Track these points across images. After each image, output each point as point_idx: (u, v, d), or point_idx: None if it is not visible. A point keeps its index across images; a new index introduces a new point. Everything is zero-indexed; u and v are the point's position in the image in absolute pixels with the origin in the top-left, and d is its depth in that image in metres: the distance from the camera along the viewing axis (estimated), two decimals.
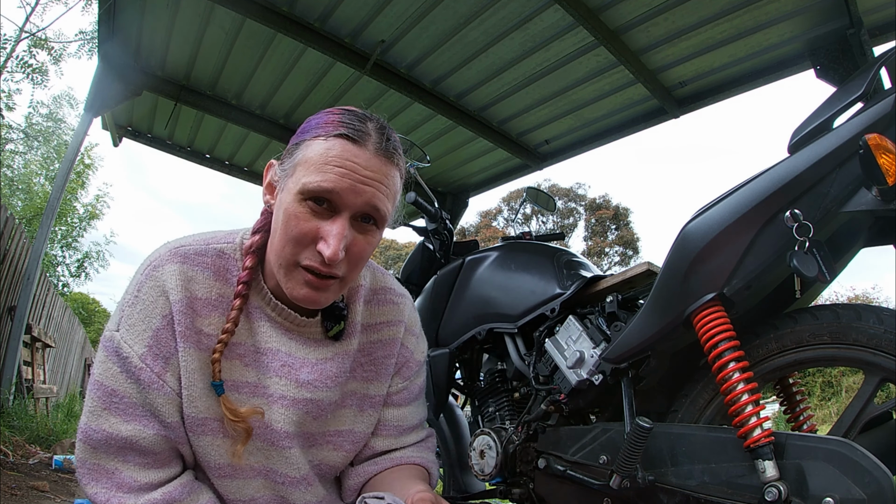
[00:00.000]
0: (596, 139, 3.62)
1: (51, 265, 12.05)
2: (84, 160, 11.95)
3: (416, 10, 2.68)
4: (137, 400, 0.74)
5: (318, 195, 0.72)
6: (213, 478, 0.81)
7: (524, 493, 1.37)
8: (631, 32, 2.70)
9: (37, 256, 3.70)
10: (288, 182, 0.75)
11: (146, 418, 0.75)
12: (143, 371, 0.74)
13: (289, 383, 0.80)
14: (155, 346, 0.74)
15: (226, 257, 0.80)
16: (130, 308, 0.75)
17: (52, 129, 12.46)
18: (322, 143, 0.74)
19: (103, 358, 0.75)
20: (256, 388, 0.80)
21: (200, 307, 0.77)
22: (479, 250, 1.76)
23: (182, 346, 0.75)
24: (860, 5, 2.30)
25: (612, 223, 23.95)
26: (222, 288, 0.78)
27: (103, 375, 0.75)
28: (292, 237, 0.73)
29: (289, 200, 0.73)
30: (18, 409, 3.75)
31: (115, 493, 0.74)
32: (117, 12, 2.77)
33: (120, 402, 0.74)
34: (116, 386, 0.74)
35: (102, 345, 0.77)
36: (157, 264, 0.77)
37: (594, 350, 1.27)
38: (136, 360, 0.74)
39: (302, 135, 0.78)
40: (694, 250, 1.06)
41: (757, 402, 0.97)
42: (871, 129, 0.89)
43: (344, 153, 0.73)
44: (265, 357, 0.80)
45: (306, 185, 0.72)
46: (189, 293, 0.76)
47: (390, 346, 0.92)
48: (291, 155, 0.77)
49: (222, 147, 4.18)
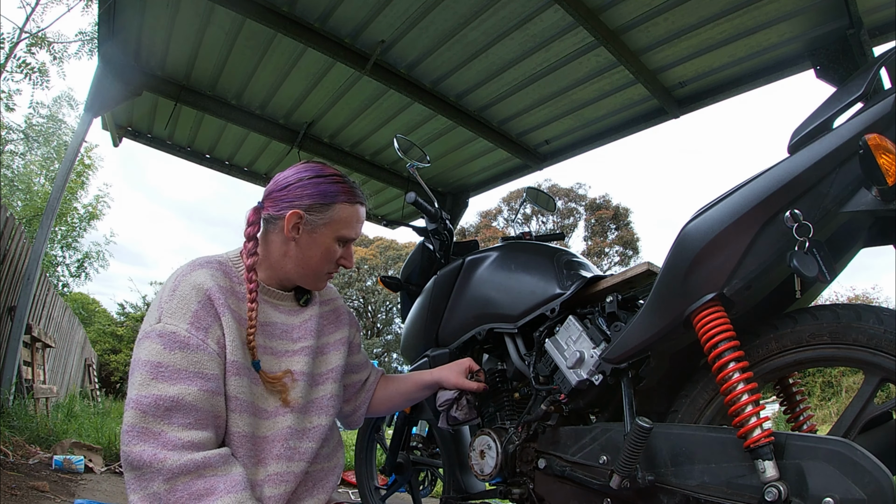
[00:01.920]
0: (596, 139, 3.62)
1: (51, 265, 12.05)
2: (84, 160, 11.95)
3: (416, 10, 2.68)
4: (182, 365, 0.92)
5: (348, 240, 1.16)
6: (241, 426, 0.99)
7: (524, 493, 1.37)
8: (631, 32, 2.70)
9: (37, 256, 3.70)
10: (324, 229, 1.11)
11: (190, 379, 0.92)
12: (190, 338, 0.94)
13: (287, 342, 1.13)
14: (195, 321, 0.96)
15: (224, 265, 1.10)
16: (168, 303, 0.97)
17: (52, 129, 12.46)
18: (349, 209, 1.14)
19: (147, 345, 0.93)
20: (265, 349, 1.08)
21: (225, 292, 1.03)
22: (479, 250, 1.76)
23: (224, 314, 1.00)
24: (860, 5, 2.31)
25: (611, 223, 23.96)
26: (230, 283, 1.07)
27: (149, 355, 0.92)
28: (330, 261, 1.14)
29: (329, 241, 1.12)
30: (18, 409, 3.75)
31: (160, 450, 0.88)
32: (117, 12, 2.78)
33: (165, 370, 0.91)
34: (162, 359, 0.92)
35: (145, 337, 0.94)
36: (186, 272, 1.03)
37: (594, 350, 1.27)
38: (182, 332, 0.94)
39: (327, 198, 1.12)
40: (694, 250, 1.06)
41: (757, 402, 0.97)
42: (871, 129, 0.89)
43: (360, 213, 1.16)
44: (268, 327, 1.11)
45: (345, 234, 1.13)
46: (216, 284, 1.02)
47: (339, 310, 1.29)
48: (323, 212, 1.11)
49: (222, 147, 4.18)
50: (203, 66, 3.25)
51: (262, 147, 4.11)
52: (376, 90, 3.33)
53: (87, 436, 3.84)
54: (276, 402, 1.06)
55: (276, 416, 1.06)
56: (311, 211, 1.11)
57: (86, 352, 9.99)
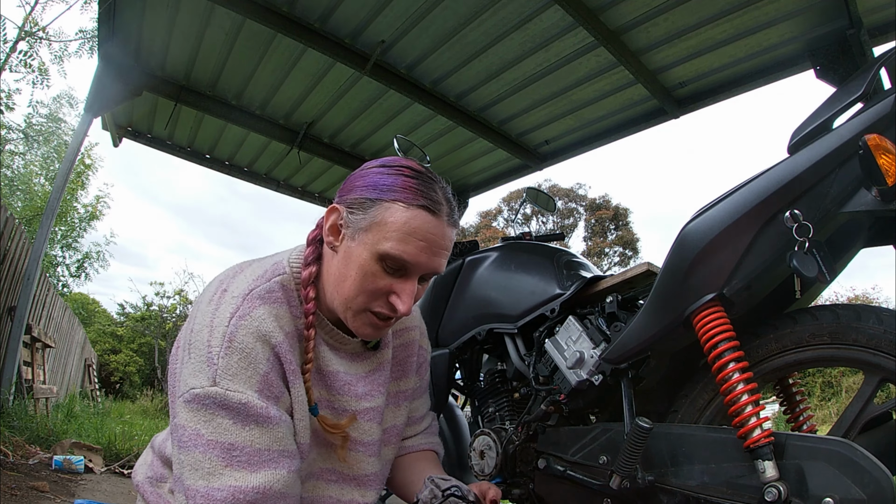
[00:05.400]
0: (596, 139, 3.62)
1: (51, 265, 12.04)
2: (84, 160, 11.95)
3: (416, 10, 2.68)
4: (262, 444, 0.71)
5: (399, 264, 0.77)
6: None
7: (524, 493, 1.37)
8: (631, 33, 2.70)
9: (37, 257, 3.70)
10: (364, 236, 0.78)
11: (275, 460, 0.71)
12: (269, 409, 0.72)
13: (350, 398, 0.88)
14: (265, 388, 0.73)
15: (286, 289, 0.81)
16: (226, 359, 0.72)
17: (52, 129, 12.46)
18: (403, 212, 0.77)
19: (207, 417, 0.70)
20: (320, 402, 0.85)
21: (291, 342, 0.78)
22: (479, 251, 1.76)
23: (293, 382, 0.77)
24: (860, 5, 2.31)
25: (611, 223, 23.95)
26: (294, 321, 0.81)
27: (214, 433, 0.69)
28: (368, 290, 0.78)
29: (366, 257, 0.77)
30: (18, 409, 3.75)
31: None
32: (117, 12, 2.78)
33: (241, 454, 0.69)
34: (234, 439, 0.69)
35: (199, 404, 0.70)
36: (243, 313, 0.75)
37: (594, 350, 1.27)
38: (255, 402, 0.71)
39: (376, 191, 0.79)
40: (694, 251, 1.06)
41: (757, 402, 0.97)
42: (871, 130, 0.89)
43: (425, 225, 0.77)
44: (328, 378, 0.86)
45: (389, 250, 0.76)
46: (284, 332, 0.77)
47: (411, 347, 1.02)
48: (365, 210, 0.78)
49: (222, 147, 4.18)
50: (203, 67, 3.25)
51: (262, 147, 4.10)
52: (376, 90, 3.33)
53: (87, 436, 3.84)
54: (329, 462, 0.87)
55: (320, 478, 0.87)
56: (353, 209, 0.80)
57: (86, 352, 9.98)
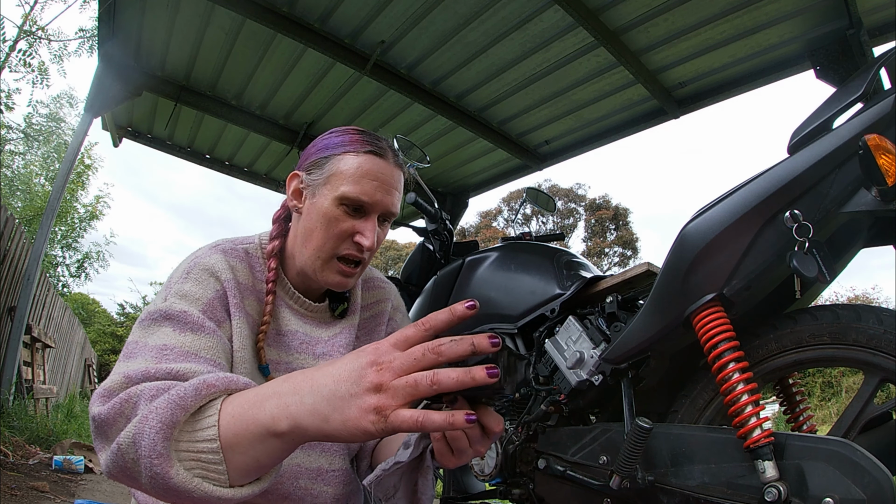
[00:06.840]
0: (596, 139, 3.62)
1: (51, 265, 12.04)
2: (84, 160, 11.95)
3: (416, 10, 2.68)
4: (193, 348, 0.73)
5: (356, 203, 0.87)
6: None
7: (524, 493, 1.37)
8: (631, 33, 2.70)
9: (37, 257, 3.70)
10: (323, 189, 0.88)
11: (200, 363, 0.72)
12: (205, 321, 0.77)
13: (307, 357, 0.93)
14: (209, 310, 0.80)
15: (250, 255, 0.92)
16: (180, 284, 0.80)
17: (52, 129, 12.46)
18: (354, 159, 0.88)
19: (153, 329, 0.73)
20: (279, 364, 0.91)
21: (242, 290, 0.87)
22: (479, 251, 1.76)
23: (235, 316, 0.83)
24: (860, 5, 2.30)
25: (611, 223, 23.96)
26: (252, 279, 0.90)
27: (153, 339, 0.71)
28: (334, 235, 0.88)
29: (327, 205, 0.87)
30: (18, 409, 3.75)
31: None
32: (117, 12, 2.78)
33: (171, 353, 0.70)
34: (169, 341, 0.72)
35: (148, 317, 0.75)
36: (202, 255, 0.86)
37: (594, 350, 1.27)
38: (195, 314, 0.76)
39: (328, 150, 0.90)
40: (694, 251, 1.06)
41: (757, 402, 0.97)
42: (871, 130, 0.89)
43: (375, 167, 0.88)
44: (286, 337, 0.92)
45: (346, 193, 0.86)
46: (234, 276, 0.86)
47: (380, 318, 1.05)
48: (321, 167, 0.89)
49: (222, 147, 4.18)
50: (203, 67, 3.25)
51: (262, 147, 4.10)
52: (376, 90, 3.33)
53: (87, 436, 3.84)
54: None
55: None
56: (310, 170, 0.90)
57: (86, 352, 9.98)
